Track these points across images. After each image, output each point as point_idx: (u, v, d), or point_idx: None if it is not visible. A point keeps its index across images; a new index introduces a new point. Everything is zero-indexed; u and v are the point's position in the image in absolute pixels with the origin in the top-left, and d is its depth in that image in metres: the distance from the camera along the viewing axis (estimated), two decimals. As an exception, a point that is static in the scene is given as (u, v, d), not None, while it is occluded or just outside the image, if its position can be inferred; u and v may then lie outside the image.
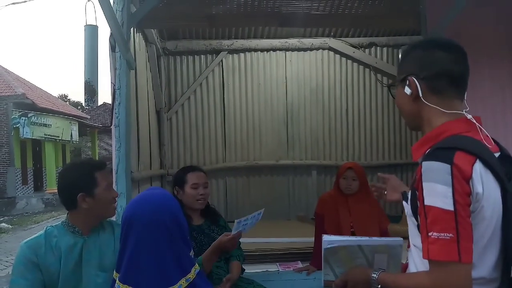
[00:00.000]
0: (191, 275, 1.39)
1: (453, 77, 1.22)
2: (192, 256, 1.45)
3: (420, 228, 1.15)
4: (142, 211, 1.39)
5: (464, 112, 1.23)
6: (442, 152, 1.12)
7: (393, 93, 1.40)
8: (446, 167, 1.09)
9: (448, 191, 1.08)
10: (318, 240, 3.21)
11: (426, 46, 1.26)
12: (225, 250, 2.30)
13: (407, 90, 1.25)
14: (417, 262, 1.25)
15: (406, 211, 1.26)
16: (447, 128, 1.20)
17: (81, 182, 1.83)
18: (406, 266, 1.38)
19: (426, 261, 1.13)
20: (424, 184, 1.12)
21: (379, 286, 1.31)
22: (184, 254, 1.40)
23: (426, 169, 1.13)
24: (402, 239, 1.48)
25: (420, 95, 1.23)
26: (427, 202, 1.11)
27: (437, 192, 1.09)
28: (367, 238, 1.56)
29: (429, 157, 1.14)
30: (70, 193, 1.83)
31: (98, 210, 1.86)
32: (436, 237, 1.08)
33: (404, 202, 1.30)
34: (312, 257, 3.27)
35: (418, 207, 1.15)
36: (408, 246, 1.33)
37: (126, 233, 1.39)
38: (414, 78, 1.24)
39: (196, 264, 1.44)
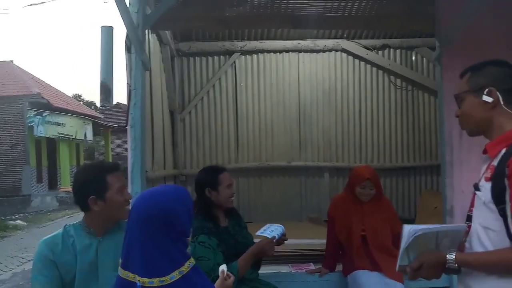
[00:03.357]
0: (185, 268, 1.47)
1: None
2: (189, 253, 1.53)
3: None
4: (138, 204, 1.52)
5: None
6: None
7: (458, 102, 1.59)
8: None
9: None
10: (330, 242, 3.21)
11: (499, 64, 1.53)
12: (264, 254, 2.37)
13: (488, 99, 1.49)
14: (486, 244, 1.45)
15: (481, 199, 1.46)
16: None
17: (92, 185, 1.84)
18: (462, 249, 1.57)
19: (497, 242, 1.40)
20: None
21: (456, 265, 1.48)
22: (176, 248, 1.47)
23: None
24: (466, 225, 1.62)
25: (502, 103, 1.48)
26: None
27: None
28: (442, 225, 1.82)
29: None
30: (82, 196, 1.86)
31: (110, 212, 1.88)
32: None
33: (478, 193, 1.49)
34: (325, 259, 3.27)
35: (510, 193, 1.36)
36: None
37: (127, 223, 1.54)
38: (495, 89, 1.48)
39: (192, 259, 1.51)
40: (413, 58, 5.94)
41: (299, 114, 5.93)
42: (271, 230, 2.42)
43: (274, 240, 2.44)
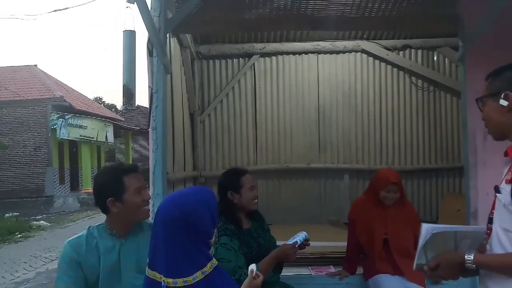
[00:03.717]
0: (207, 268, 1.50)
1: None
2: (212, 254, 1.57)
3: None
4: (163, 206, 1.57)
5: None
6: None
7: (480, 106, 1.63)
8: None
9: None
10: (351, 245, 3.18)
11: None
12: (287, 259, 2.40)
13: (504, 102, 1.52)
14: (506, 246, 1.46)
15: (501, 201, 1.47)
16: None
17: (110, 187, 1.87)
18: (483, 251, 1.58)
19: None
20: None
21: (474, 265, 1.49)
22: (198, 250, 1.51)
23: None
24: (485, 227, 1.64)
25: None
26: None
27: None
28: (461, 225, 1.76)
29: None
30: (101, 198, 1.89)
31: (128, 213, 1.90)
32: None
33: (498, 195, 1.51)
34: (344, 261, 3.24)
35: None
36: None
37: (153, 224, 1.59)
38: (511, 93, 1.51)
39: (214, 259, 1.54)
40: (435, 58, 5.85)
41: (318, 115, 5.91)
42: (293, 238, 2.44)
43: (296, 246, 2.44)
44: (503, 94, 1.52)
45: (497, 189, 1.54)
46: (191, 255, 1.49)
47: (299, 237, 2.51)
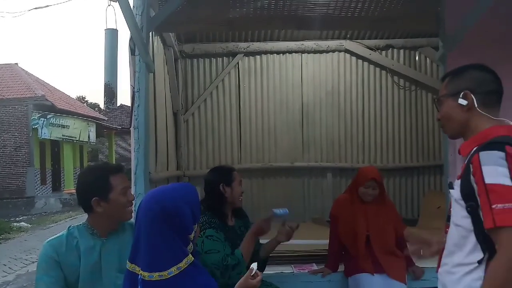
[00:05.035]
0: (183, 264, 1.54)
1: (498, 95, 1.58)
2: (189, 250, 1.60)
3: (481, 205, 1.38)
4: (145, 202, 1.60)
5: (504, 119, 1.54)
6: (495, 145, 1.42)
7: (437, 105, 1.67)
8: (502, 154, 1.38)
9: (506, 171, 1.35)
10: (333, 242, 3.21)
11: (480, 69, 1.59)
12: (262, 232, 2.47)
13: (463, 102, 1.55)
14: (457, 242, 1.51)
15: (453, 197, 1.53)
16: (493, 131, 1.49)
17: (95, 186, 1.86)
18: (442, 250, 1.63)
19: (467, 238, 1.45)
20: (484, 168, 1.38)
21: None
22: (176, 245, 1.55)
23: (485, 157, 1.40)
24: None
25: (476, 106, 1.53)
26: (488, 181, 1.36)
27: (498, 172, 1.36)
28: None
29: (485, 148, 1.42)
30: (85, 197, 1.87)
31: (113, 213, 1.89)
32: (502, 207, 1.33)
33: (451, 190, 1.56)
34: (327, 259, 3.27)
35: (476, 189, 1.40)
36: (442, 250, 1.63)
37: (135, 219, 1.62)
38: (470, 93, 1.54)
39: (190, 255, 1.57)
40: (417, 58, 5.93)
41: (302, 114, 5.94)
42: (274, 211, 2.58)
43: (270, 218, 2.52)
44: (462, 93, 1.55)
45: (450, 185, 1.60)
46: (168, 250, 1.53)
47: (278, 211, 2.56)
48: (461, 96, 1.56)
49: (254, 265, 1.75)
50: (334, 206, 3.28)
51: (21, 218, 14.25)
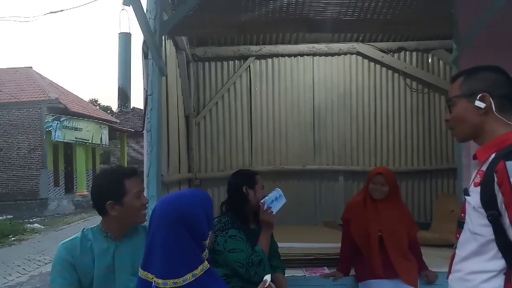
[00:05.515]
0: (198, 271, 1.51)
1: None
2: (205, 258, 1.57)
3: (510, 217, 1.34)
4: (160, 208, 1.58)
5: None
6: None
7: (450, 106, 1.59)
8: None
9: None
10: (345, 245, 3.20)
11: (495, 71, 1.53)
12: (268, 225, 2.51)
13: (481, 104, 1.48)
14: (474, 250, 1.46)
15: (471, 204, 1.47)
16: (510, 137, 1.44)
17: (110, 190, 1.87)
18: (453, 256, 1.59)
19: (484, 248, 1.41)
20: None
21: None
22: (192, 252, 1.52)
23: None
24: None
25: (494, 109, 1.47)
26: None
27: None
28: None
29: (510, 157, 1.36)
30: (100, 200, 1.88)
31: (127, 217, 1.90)
32: None
33: (467, 197, 1.50)
34: (339, 262, 3.25)
35: (502, 200, 1.35)
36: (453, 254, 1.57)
37: (149, 225, 1.59)
38: (488, 95, 1.47)
39: (206, 262, 1.55)
40: (430, 60, 5.88)
41: (313, 117, 5.92)
42: (272, 200, 2.57)
43: (266, 207, 2.52)
44: (479, 95, 1.49)
45: (466, 192, 1.53)
46: (184, 256, 1.50)
47: (268, 198, 2.56)
48: (478, 98, 1.49)
49: (267, 277, 1.74)
50: (346, 209, 3.28)
51: (35, 219, 14.43)
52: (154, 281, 1.50)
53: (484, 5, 2.92)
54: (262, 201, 2.53)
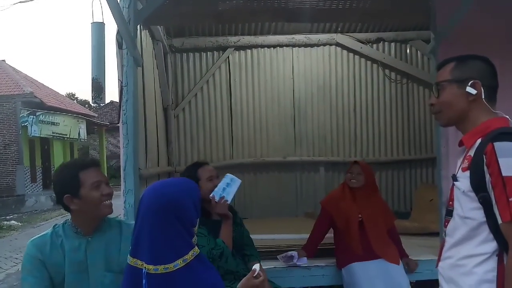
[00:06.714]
0: (188, 256, 1.53)
1: (496, 89, 1.58)
2: (194, 243, 1.59)
3: (497, 197, 1.37)
4: (148, 195, 1.59)
5: (501, 113, 1.54)
6: (508, 136, 1.41)
7: (437, 90, 1.61)
8: None
9: None
10: (316, 229, 3.30)
11: (485, 61, 1.57)
12: (224, 215, 2.47)
13: (472, 91, 1.52)
14: (465, 233, 1.49)
15: (460, 189, 1.50)
16: (492, 123, 1.49)
17: (65, 184, 1.82)
18: (443, 245, 1.63)
19: (478, 229, 1.43)
20: (501, 160, 1.37)
21: None
22: (181, 237, 1.54)
23: (501, 148, 1.39)
24: None
25: (483, 97, 1.52)
26: (505, 173, 1.35)
27: None
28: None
29: (499, 139, 1.40)
30: (59, 195, 1.83)
31: (88, 210, 1.83)
32: None
33: (456, 183, 1.53)
34: (306, 243, 3.30)
35: (490, 180, 1.39)
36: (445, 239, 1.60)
37: (137, 212, 1.60)
38: (479, 83, 1.52)
39: (196, 248, 1.57)
40: (408, 51, 5.92)
41: (293, 109, 5.90)
42: (224, 187, 2.51)
43: (217, 199, 2.48)
44: (470, 82, 1.52)
45: (454, 178, 1.57)
46: (174, 242, 1.52)
47: (218, 189, 2.49)
48: (469, 84, 1.52)
49: (256, 266, 1.74)
50: (326, 196, 3.42)
51: (11, 216, 14.10)
52: (144, 267, 1.50)
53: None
54: (211, 195, 2.45)
